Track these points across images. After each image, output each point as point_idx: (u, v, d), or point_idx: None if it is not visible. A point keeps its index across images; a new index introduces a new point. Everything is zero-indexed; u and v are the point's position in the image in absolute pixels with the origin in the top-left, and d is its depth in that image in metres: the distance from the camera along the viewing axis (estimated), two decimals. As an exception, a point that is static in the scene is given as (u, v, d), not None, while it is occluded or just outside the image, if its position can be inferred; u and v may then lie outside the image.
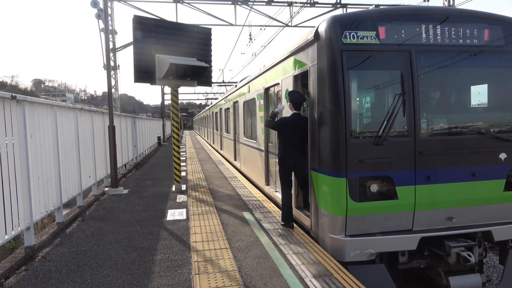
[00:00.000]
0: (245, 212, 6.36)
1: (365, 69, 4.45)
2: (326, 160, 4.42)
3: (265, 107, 7.52)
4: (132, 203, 7.44)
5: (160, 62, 7.57)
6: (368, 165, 4.27)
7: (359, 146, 4.27)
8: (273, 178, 7.26)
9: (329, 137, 4.33)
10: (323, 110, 4.44)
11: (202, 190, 8.43)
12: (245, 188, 8.50)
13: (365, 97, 4.82)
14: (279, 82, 6.28)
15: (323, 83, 4.41)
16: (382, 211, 4.32)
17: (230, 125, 13.60)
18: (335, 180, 4.28)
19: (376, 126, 4.45)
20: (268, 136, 7.49)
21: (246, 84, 9.58)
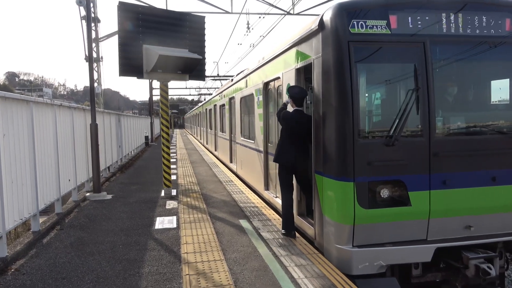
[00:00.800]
0: (242, 220, 6.36)
1: (374, 62, 4.45)
2: (331, 162, 4.43)
3: (264, 104, 7.53)
4: (117, 210, 7.43)
5: (148, 54, 7.56)
6: (378, 168, 4.28)
7: (368, 147, 4.28)
8: (273, 182, 7.26)
9: (334, 136, 4.34)
10: (328, 107, 4.45)
11: (194, 196, 8.43)
12: (242, 193, 8.51)
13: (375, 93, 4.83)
14: (279, 76, 6.29)
15: (328, 77, 4.42)
16: (394, 219, 4.33)
17: (225, 124, 13.61)
18: (341, 184, 4.29)
19: (386, 125, 4.46)
20: (267, 135, 7.51)
21: (243, 78, 9.59)
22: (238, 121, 10.57)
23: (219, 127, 15.56)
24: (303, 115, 5.26)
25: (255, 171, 8.52)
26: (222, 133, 14.59)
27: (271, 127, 7.28)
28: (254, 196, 8.22)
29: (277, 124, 6.74)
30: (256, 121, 8.26)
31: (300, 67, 5.37)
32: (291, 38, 5.63)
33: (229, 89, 12.38)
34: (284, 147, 5.28)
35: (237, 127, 10.87)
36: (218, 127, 15.89)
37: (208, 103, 20.26)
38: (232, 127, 12.19)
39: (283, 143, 5.30)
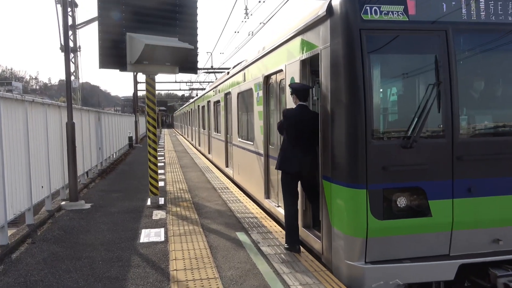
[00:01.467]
0: (239, 233, 6.36)
1: (390, 52, 4.46)
2: (341, 166, 4.43)
3: (264, 100, 7.54)
4: (96, 221, 7.42)
5: (132, 43, 7.57)
6: (394, 173, 4.28)
7: (383, 149, 4.29)
8: (274, 189, 7.27)
9: (345, 137, 4.35)
10: (338, 103, 4.46)
11: (185, 205, 8.43)
12: (239, 202, 8.51)
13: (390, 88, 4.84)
14: (282, 68, 6.30)
15: (338, 70, 4.43)
16: (412, 232, 4.33)
17: (220, 123, 13.61)
18: (352, 192, 4.29)
19: (404, 124, 4.47)
20: (268, 136, 7.52)
21: (241, 71, 9.61)
22: (235, 119, 10.58)
23: (213, 126, 15.58)
24: (308, 111, 5.26)
25: (254, 177, 8.53)
26: (217, 133, 14.60)
27: (272, 127, 7.29)
28: (253, 205, 8.22)
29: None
30: (255, 119, 8.27)
31: (305, 59, 5.38)
32: (295, 26, 5.64)
33: (224, 84, 12.40)
34: (287, 152, 5.27)
35: (233, 127, 10.88)
36: (212, 126, 15.91)
37: (201, 100, 20.28)
38: (228, 126, 12.20)
39: (286, 147, 5.29)
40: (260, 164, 7.95)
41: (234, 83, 10.70)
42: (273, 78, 7.11)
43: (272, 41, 6.95)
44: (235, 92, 10.50)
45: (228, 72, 12.13)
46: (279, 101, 6.78)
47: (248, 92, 8.97)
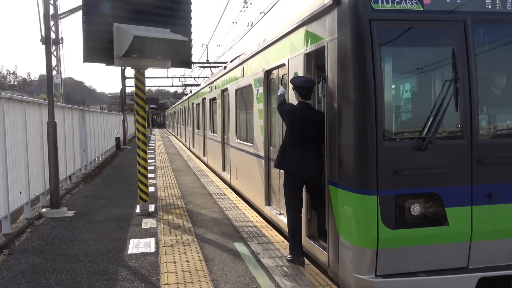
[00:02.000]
0: (237, 243, 6.37)
1: (403, 45, 4.47)
2: (349, 170, 4.45)
3: (265, 97, 7.56)
4: (80, 230, 7.43)
5: (119, 34, 7.59)
6: (408, 178, 4.29)
7: (395, 151, 4.30)
8: (276, 195, 7.28)
9: (353, 138, 4.36)
10: (345, 101, 4.48)
11: (178, 212, 8.44)
12: (238, 210, 8.52)
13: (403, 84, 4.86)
14: (284, 62, 6.32)
15: (346, 64, 4.44)
16: (427, 242, 4.34)
17: (216, 122, 13.63)
18: (361, 198, 4.30)
19: (418, 124, 4.47)
20: (269, 137, 7.53)
21: (240, 65, 9.63)
22: (233, 119, 10.61)
23: (208, 126, 15.59)
24: (311, 109, 5.27)
25: (254, 181, 8.54)
26: (213, 134, 14.61)
27: (274, 127, 7.31)
28: (253, 213, 8.24)
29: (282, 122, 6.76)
30: (255, 118, 8.29)
31: (310, 52, 5.40)
32: (299, 16, 5.67)
33: (221, 79, 12.42)
34: (287, 150, 5.30)
35: (231, 127, 10.90)
36: (207, 126, 15.92)
37: (195, 97, 20.30)
38: (225, 126, 12.22)
39: (285, 144, 5.33)
40: (261, 168, 7.97)
41: (231, 79, 10.72)
42: (274, 73, 7.13)
43: (273, 32, 6.97)
44: (233, 89, 10.52)
45: (225, 66, 12.15)
46: (281, 99, 6.80)
47: (247, 88, 8.98)
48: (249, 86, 8.68)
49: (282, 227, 6.76)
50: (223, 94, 12.29)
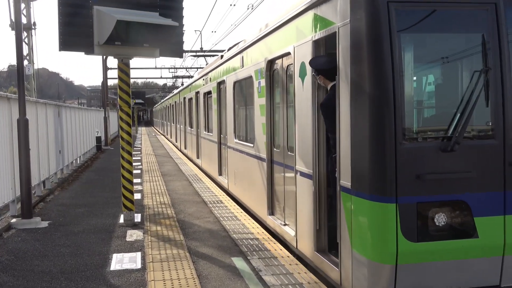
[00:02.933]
0: (235, 258, 6.37)
1: (425, 31, 4.48)
2: (364, 175, 4.45)
3: (268, 91, 7.56)
4: (55, 243, 7.44)
5: (100, 19, 7.59)
6: (431, 183, 4.29)
7: (417, 153, 4.30)
8: (280, 204, 7.28)
9: (369, 138, 4.36)
10: (360, 95, 4.48)
11: (168, 223, 8.44)
12: (236, 220, 8.52)
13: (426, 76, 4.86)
14: (290, 51, 6.33)
15: (360, 52, 4.44)
16: (453, 257, 4.34)
17: (212, 120, 13.63)
18: (378, 206, 4.30)
19: (443, 121, 4.48)
20: (272, 136, 7.54)
21: (238, 54, 9.64)
22: (231, 115, 10.61)
23: (203, 124, 15.59)
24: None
25: (255, 187, 8.54)
26: (208, 133, 14.61)
27: (278, 124, 7.31)
28: (253, 223, 8.24)
29: (287, 120, 6.77)
30: (256, 115, 8.29)
31: (319, 39, 5.40)
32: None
33: (217, 70, 12.42)
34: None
35: (229, 125, 10.90)
36: (201, 124, 15.93)
37: (187, 90, 20.31)
38: (221, 124, 12.22)
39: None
40: (262, 172, 7.97)
41: (229, 70, 10.72)
42: (278, 63, 7.13)
43: (277, 16, 6.98)
44: (230, 81, 10.52)
45: (222, 55, 12.14)
46: (286, 92, 6.80)
47: (247, 80, 8.98)
48: (249, 78, 8.69)
49: (287, 239, 6.76)
50: (219, 87, 12.29)
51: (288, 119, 6.75)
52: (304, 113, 5.84)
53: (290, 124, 6.59)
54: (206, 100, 14.97)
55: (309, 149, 5.69)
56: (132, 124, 8.56)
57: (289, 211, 6.78)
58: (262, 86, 7.77)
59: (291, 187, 6.52)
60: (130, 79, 8.41)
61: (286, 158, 6.87)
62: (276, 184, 7.46)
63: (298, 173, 6.16)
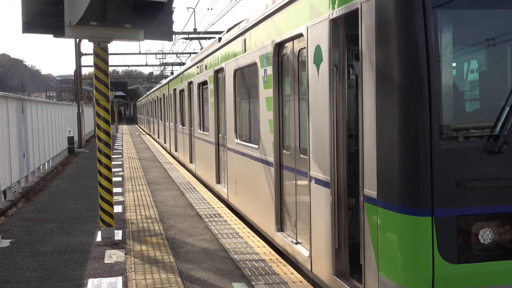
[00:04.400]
0: (237, 284, 6.37)
1: (466, 7, 4.47)
2: (392, 182, 4.45)
3: (276, 81, 7.56)
4: (19, 265, 7.45)
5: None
6: (475, 192, 4.29)
7: (458, 155, 4.30)
8: (291, 217, 7.28)
9: (398, 137, 4.37)
10: (388, 85, 4.48)
11: (155, 241, 8.45)
12: (238, 237, 8.52)
13: (468, 62, 4.84)
14: (302, 32, 6.33)
15: (387, 34, 4.44)
16: (502, 281, 4.33)
17: (208, 116, 13.63)
18: (410, 221, 4.30)
19: (489, 116, 4.47)
20: (281, 136, 7.53)
21: (240, 36, 9.64)
22: (231, 111, 10.61)
23: (197, 121, 15.60)
24: None
25: (260, 198, 8.54)
26: (203, 132, 14.62)
27: (288, 121, 7.31)
28: (259, 241, 8.23)
29: (299, 116, 6.76)
30: (261, 110, 8.29)
31: (337, 17, 5.41)
32: (322, -33, 5.68)
33: (214, 56, 12.43)
34: None
35: (229, 122, 10.91)
36: (195, 121, 15.93)
37: (178, 80, 20.33)
38: (220, 121, 12.22)
39: None
40: (269, 179, 7.97)
41: (229, 55, 10.73)
42: (288, 47, 7.13)
43: (286, -10, 6.99)
44: (230, 69, 10.53)
45: (220, 38, 12.15)
46: (297, 82, 6.80)
47: (251, 68, 8.98)
48: (253, 65, 8.69)
49: (299, 261, 6.76)
50: (217, 76, 12.29)
51: (300, 115, 6.75)
52: (319, 107, 5.84)
53: (303, 120, 6.59)
54: (201, 92, 14.97)
55: (326, 150, 5.69)
56: (111, 121, 8.58)
57: (302, 227, 6.77)
58: (269, 74, 7.77)
59: (304, 197, 6.52)
60: (109, 67, 8.42)
61: (298, 162, 6.86)
62: (286, 193, 7.45)
63: (313, 180, 6.15)
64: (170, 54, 46.82)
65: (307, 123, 6.22)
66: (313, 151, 6.13)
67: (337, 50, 5.55)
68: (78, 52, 30.82)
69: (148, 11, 7.72)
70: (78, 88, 30.78)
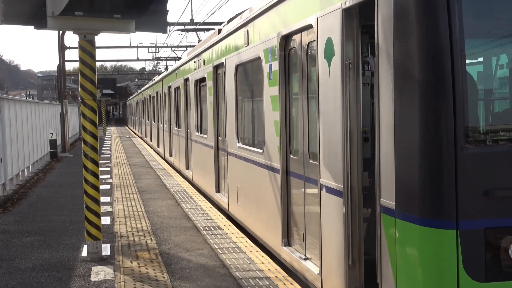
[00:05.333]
0: (238, 304, 6.36)
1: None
2: (412, 191, 4.45)
3: (282, 77, 7.57)
4: (-4, 283, 7.45)
5: (56, -19, 7.62)
6: (505, 201, 4.29)
7: (485, 160, 4.30)
8: (299, 230, 7.27)
9: (419, 140, 4.37)
10: (407, 82, 4.48)
11: (147, 257, 8.44)
12: (240, 252, 8.51)
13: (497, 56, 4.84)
14: (311, 23, 6.34)
15: (407, 24, 4.45)
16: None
17: (207, 117, 13.63)
18: (432, 234, 4.30)
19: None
20: (289, 139, 7.53)
21: (242, 27, 9.64)
22: (232, 111, 10.61)
23: (194, 123, 15.60)
24: None
25: (265, 208, 8.54)
26: (201, 135, 14.62)
27: (296, 122, 7.32)
28: (263, 256, 8.22)
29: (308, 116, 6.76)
30: (266, 110, 8.30)
31: (351, 7, 5.41)
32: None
33: (213, 50, 12.44)
34: None
35: (229, 124, 10.91)
36: (192, 123, 15.94)
37: (173, 77, 20.34)
38: (219, 123, 12.22)
39: None
40: (275, 187, 7.96)
41: (230, 49, 10.73)
42: (296, 40, 7.14)
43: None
44: (231, 64, 10.53)
45: (220, 30, 12.16)
46: (306, 79, 6.81)
47: (254, 63, 8.99)
48: (257, 59, 8.69)
49: (309, 278, 6.75)
50: (217, 72, 12.29)
51: (309, 116, 6.75)
52: (331, 106, 5.84)
53: (313, 122, 6.59)
54: (199, 89, 14.98)
55: (339, 155, 5.69)
56: (99, 122, 8.58)
57: (312, 241, 6.77)
58: (274, 70, 7.78)
59: (314, 208, 6.51)
60: (96, 62, 8.43)
61: (307, 168, 6.86)
62: (294, 203, 7.45)
63: (324, 188, 6.15)
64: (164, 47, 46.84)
65: (317, 124, 6.22)
66: (323, 156, 6.13)
67: (351, 43, 5.55)
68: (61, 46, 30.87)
69: (140, 0, 7.73)
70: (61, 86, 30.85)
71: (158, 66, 65.38)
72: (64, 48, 31.36)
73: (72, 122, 36.34)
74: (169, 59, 49.71)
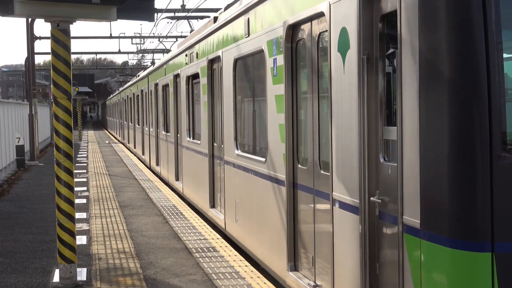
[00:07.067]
0: None
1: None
2: (440, 207, 4.47)
3: (288, 74, 7.59)
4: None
5: (25, -40, 7.65)
6: None
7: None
8: (308, 253, 7.27)
9: (448, 149, 4.39)
10: (435, 81, 4.50)
11: (129, 283, 8.44)
12: (238, 278, 8.50)
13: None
14: (323, 10, 6.36)
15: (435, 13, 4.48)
16: None
17: (200, 120, 13.64)
18: (464, 257, 4.32)
19: None
20: (295, 146, 7.54)
21: (242, 15, 9.66)
22: (230, 113, 10.62)
23: (185, 127, 15.60)
24: None
25: (268, 227, 8.54)
26: (193, 140, 14.62)
27: (304, 126, 7.34)
28: (265, 283, 8.21)
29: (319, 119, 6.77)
30: (270, 112, 8.31)
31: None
32: None
33: (208, 41, 12.46)
34: None
35: (226, 128, 10.91)
36: (183, 127, 15.94)
37: (161, 72, 20.37)
38: (215, 127, 12.23)
39: None
40: (280, 202, 7.97)
41: (227, 40, 10.75)
42: (305, 30, 7.16)
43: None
44: (229, 58, 10.55)
45: (216, 17, 12.19)
46: (317, 75, 6.83)
47: (256, 57, 9.01)
48: (260, 52, 8.71)
49: (319, 310, 6.76)
50: (212, 67, 12.32)
51: (320, 118, 6.76)
52: (346, 108, 5.86)
53: (324, 126, 6.61)
54: (191, 87, 15.01)
55: (354, 165, 5.70)
56: (74, 125, 8.59)
57: (322, 265, 6.77)
58: (280, 65, 7.79)
59: (326, 226, 6.52)
60: (71, 55, 8.45)
61: (317, 180, 6.87)
62: (302, 221, 7.46)
63: (337, 203, 6.16)
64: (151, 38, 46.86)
65: (329, 129, 6.23)
66: (337, 166, 6.14)
67: (369, 35, 5.57)
68: (30, 36, 30.89)
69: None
70: (30, 82, 30.88)
71: (144, 59, 65.41)
72: (33, 38, 31.38)
73: (43, 125, 36.36)
74: (156, 51, 49.72)
